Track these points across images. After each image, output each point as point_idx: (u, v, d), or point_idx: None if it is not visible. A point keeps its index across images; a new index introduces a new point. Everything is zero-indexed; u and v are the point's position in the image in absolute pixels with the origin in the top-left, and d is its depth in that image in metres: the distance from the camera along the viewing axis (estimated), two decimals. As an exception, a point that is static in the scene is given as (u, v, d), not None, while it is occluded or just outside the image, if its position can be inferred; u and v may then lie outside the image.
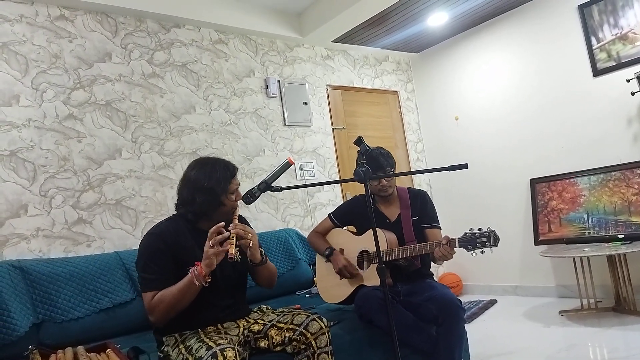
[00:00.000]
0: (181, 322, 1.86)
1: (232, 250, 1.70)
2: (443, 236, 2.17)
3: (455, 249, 2.14)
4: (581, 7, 3.88)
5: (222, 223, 1.79)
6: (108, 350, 1.89)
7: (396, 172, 2.68)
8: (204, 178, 1.90)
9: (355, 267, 2.44)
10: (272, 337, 1.87)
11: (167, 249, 1.84)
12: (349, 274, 2.42)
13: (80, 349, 1.91)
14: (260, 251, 1.97)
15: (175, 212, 2.02)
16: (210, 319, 1.90)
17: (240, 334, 1.89)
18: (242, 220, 2.10)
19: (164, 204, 3.24)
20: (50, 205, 2.82)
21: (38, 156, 2.82)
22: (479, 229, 2.08)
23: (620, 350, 2.77)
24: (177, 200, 2.00)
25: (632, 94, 3.50)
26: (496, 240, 2.03)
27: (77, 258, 2.65)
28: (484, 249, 2.04)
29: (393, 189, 2.52)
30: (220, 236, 1.74)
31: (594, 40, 3.85)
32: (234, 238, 1.77)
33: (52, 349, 1.94)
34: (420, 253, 2.25)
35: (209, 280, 1.74)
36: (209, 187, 1.88)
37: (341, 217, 2.66)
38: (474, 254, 2.06)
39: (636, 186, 3.55)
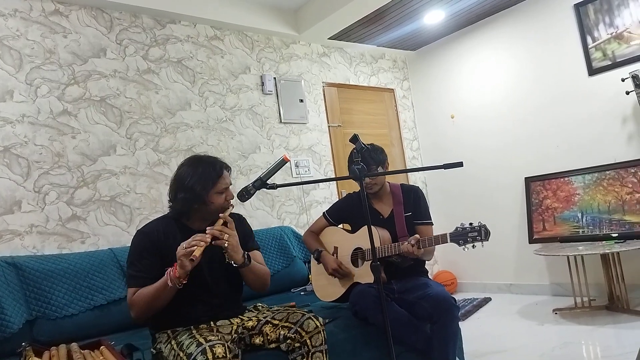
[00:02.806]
0: (174, 319, 1.86)
1: (197, 252, 1.70)
2: (412, 236, 2.19)
3: (422, 249, 2.17)
4: (577, 6, 3.89)
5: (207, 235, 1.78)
6: (102, 347, 1.88)
7: (390, 168, 2.68)
8: (186, 176, 1.90)
9: (347, 267, 2.45)
10: (267, 334, 1.88)
11: (153, 247, 1.86)
12: (341, 275, 2.44)
13: (74, 346, 1.90)
14: (244, 253, 1.91)
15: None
16: (202, 317, 1.90)
17: (234, 332, 1.89)
18: (236, 218, 2.09)
19: (158, 200, 3.22)
20: (44, 201, 2.80)
21: (32, 152, 2.81)
22: (470, 224, 2.07)
23: (614, 348, 2.78)
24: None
25: (627, 93, 3.50)
26: (487, 234, 2.02)
27: (71, 255, 2.64)
28: (475, 244, 2.04)
29: (380, 186, 2.51)
30: (198, 235, 1.75)
31: (589, 39, 3.86)
32: (208, 239, 1.76)
33: (46, 346, 1.93)
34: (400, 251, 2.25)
35: (184, 282, 1.74)
36: (189, 186, 1.88)
37: (335, 215, 2.67)
38: (466, 248, 2.05)
39: (630, 185, 3.57)
